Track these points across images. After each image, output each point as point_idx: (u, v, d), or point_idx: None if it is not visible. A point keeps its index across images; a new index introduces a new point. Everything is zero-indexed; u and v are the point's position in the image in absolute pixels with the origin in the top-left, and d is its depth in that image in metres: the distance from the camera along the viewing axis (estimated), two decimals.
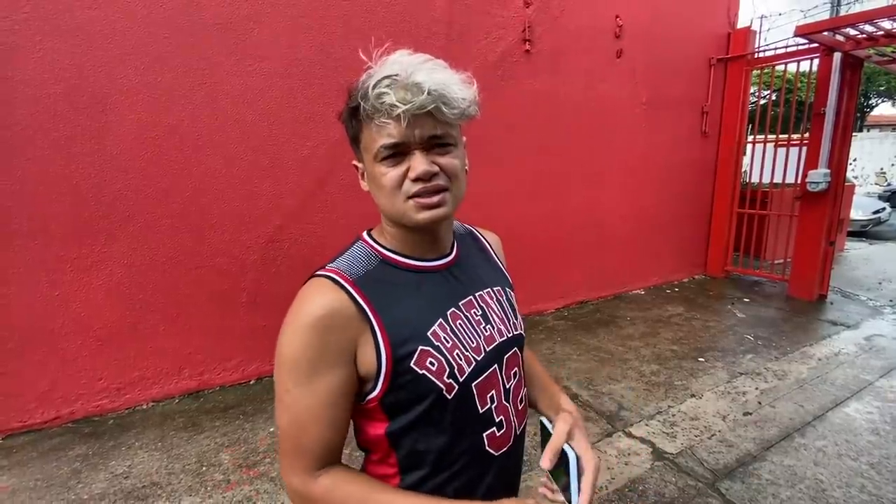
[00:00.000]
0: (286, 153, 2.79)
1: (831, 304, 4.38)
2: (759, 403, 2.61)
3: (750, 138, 5.09)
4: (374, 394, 0.64)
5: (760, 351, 3.32)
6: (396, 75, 0.58)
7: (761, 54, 4.80)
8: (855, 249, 7.17)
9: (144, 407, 2.59)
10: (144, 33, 2.35)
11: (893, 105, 19.60)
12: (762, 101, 5.37)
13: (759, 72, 4.87)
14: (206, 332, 2.72)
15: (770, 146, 4.78)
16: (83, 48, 2.24)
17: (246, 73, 2.62)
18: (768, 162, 4.69)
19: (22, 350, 2.30)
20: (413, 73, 0.58)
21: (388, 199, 0.63)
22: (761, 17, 5.09)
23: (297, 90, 2.77)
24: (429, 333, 0.65)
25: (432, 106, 0.58)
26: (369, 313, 0.63)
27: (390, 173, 0.62)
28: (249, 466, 2.08)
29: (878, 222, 8.84)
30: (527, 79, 3.62)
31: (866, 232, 8.61)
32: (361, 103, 0.60)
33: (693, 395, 2.71)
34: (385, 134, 0.60)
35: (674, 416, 2.50)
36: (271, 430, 2.36)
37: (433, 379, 0.63)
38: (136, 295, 2.51)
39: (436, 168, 0.62)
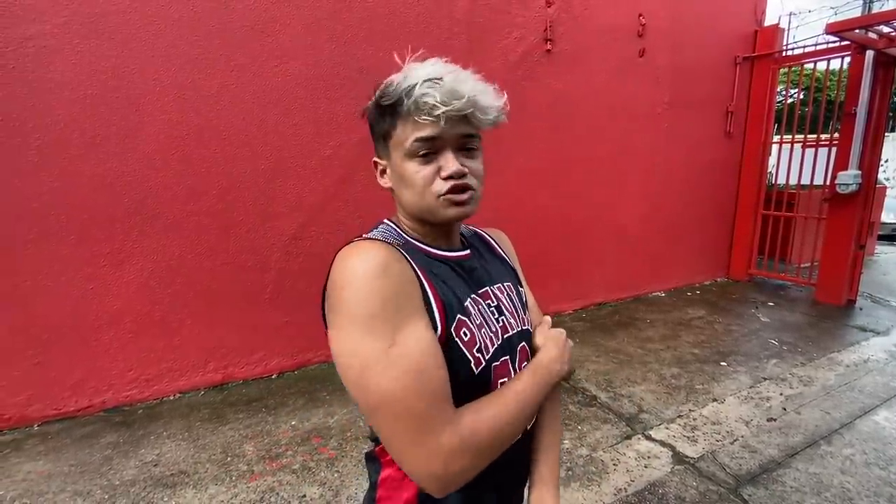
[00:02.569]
0: (309, 153, 2.85)
1: (860, 309, 4.25)
2: (784, 409, 2.55)
3: (776, 138, 4.97)
4: None
5: (785, 356, 3.25)
6: (439, 79, 0.61)
7: (789, 52, 4.68)
8: (886, 254, 6.93)
9: (172, 398, 2.67)
10: (175, 36, 2.42)
11: None
12: (790, 101, 5.24)
13: (786, 70, 4.75)
14: (231, 326, 2.79)
15: (797, 146, 4.66)
16: (118, 50, 2.32)
17: (271, 74, 2.67)
18: (795, 163, 4.58)
19: (57, 341, 2.40)
20: (453, 78, 0.62)
21: (418, 196, 0.66)
22: (790, 15, 4.95)
23: (321, 91, 2.82)
24: (465, 304, 0.67)
25: (469, 111, 0.62)
26: (418, 272, 0.63)
27: (423, 171, 0.64)
28: (272, 458, 2.14)
29: None
30: (548, 78, 3.61)
31: None
32: (405, 99, 0.62)
33: (715, 400, 2.67)
34: (423, 128, 0.63)
35: (695, 419, 2.47)
36: (293, 423, 2.41)
37: (465, 350, 0.64)
38: (164, 289, 2.59)
39: (465, 168, 0.65)
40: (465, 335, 0.64)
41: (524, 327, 0.77)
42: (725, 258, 5.25)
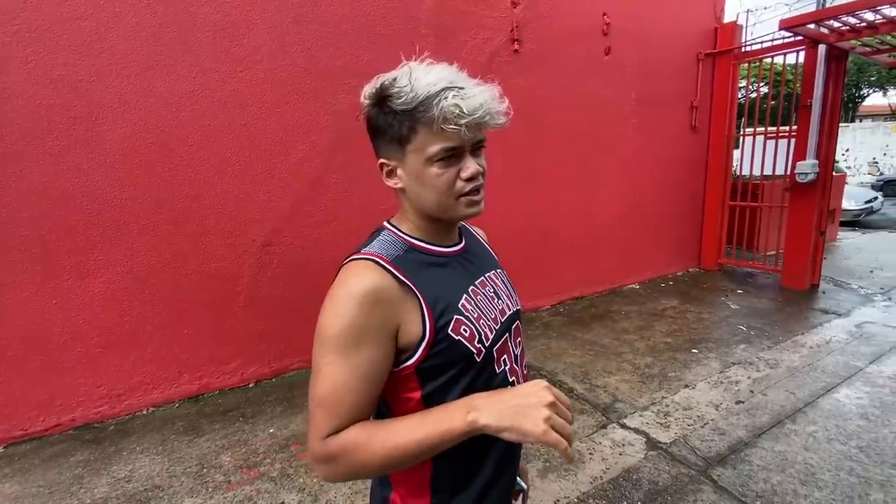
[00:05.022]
0: (278, 158, 2.82)
1: (823, 293, 4.44)
2: (752, 392, 2.65)
3: (740, 132, 5.14)
4: (412, 361, 0.70)
5: (753, 341, 3.36)
6: (461, 88, 0.66)
7: (748, 48, 4.85)
8: (847, 239, 7.23)
9: (145, 412, 2.62)
10: (134, 43, 2.38)
11: (884, 95, 19.73)
12: (751, 95, 5.43)
13: (746, 66, 4.92)
14: (204, 336, 2.74)
15: (760, 139, 4.83)
16: (74, 59, 2.27)
17: (237, 80, 2.64)
18: (758, 155, 4.74)
19: (21, 359, 2.32)
20: (471, 87, 0.68)
21: (442, 196, 0.71)
22: (747, 12, 5.13)
23: (288, 95, 2.80)
24: (460, 305, 0.74)
25: (486, 119, 0.68)
26: (412, 287, 0.70)
27: (446, 174, 0.69)
28: (250, 467, 2.11)
29: (871, 212, 8.91)
30: (516, 78, 3.66)
31: (859, 221, 8.68)
32: (432, 108, 0.66)
33: (686, 386, 2.75)
34: (448, 138, 0.67)
35: (667, 406, 2.54)
36: (271, 431, 2.39)
37: (466, 343, 0.72)
38: (133, 301, 2.54)
39: (481, 168, 0.72)
40: (465, 331, 0.72)
41: (517, 307, 0.87)
42: (696, 249, 5.40)
